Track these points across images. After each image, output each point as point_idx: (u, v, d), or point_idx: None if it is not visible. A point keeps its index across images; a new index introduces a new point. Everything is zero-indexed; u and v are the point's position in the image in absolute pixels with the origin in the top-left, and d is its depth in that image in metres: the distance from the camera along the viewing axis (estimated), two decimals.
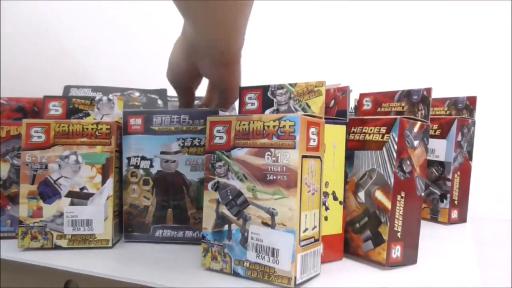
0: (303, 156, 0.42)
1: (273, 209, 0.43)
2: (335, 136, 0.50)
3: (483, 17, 1.44)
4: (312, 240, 0.44)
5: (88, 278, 0.47)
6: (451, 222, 0.74)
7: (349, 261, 0.52)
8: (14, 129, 0.61)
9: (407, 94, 0.61)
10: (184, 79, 0.62)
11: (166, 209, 0.59)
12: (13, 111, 0.71)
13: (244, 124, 0.45)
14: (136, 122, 0.59)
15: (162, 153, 0.58)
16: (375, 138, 0.50)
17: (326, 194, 0.49)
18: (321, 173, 0.46)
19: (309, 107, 0.51)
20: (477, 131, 0.77)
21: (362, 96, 0.68)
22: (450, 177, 0.73)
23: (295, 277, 0.41)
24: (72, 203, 0.55)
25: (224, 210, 0.46)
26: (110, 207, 0.56)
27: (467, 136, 0.74)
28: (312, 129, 0.44)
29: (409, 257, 0.50)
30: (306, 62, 1.62)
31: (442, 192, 0.74)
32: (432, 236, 0.65)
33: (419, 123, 0.49)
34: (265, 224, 0.43)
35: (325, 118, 0.48)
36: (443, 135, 0.74)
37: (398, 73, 1.50)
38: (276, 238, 0.43)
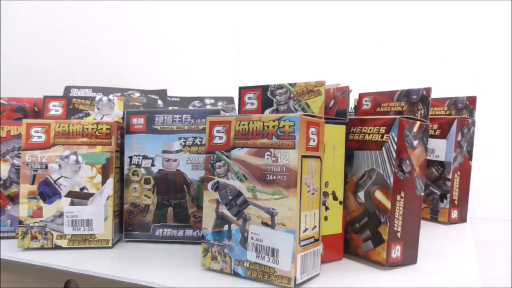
0: (303, 156, 0.42)
1: (273, 209, 0.43)
2: (335, 136, 0.50)
3: (483, 17, 1.44)
4: (312, 240, 0.44)
5: (88, 278, 0.47)
6: (451, 222, 0.74)
7: (349, 261, 0.52)
8: (14, 129, 0.61)
9: (406, 94, 0.61)
10: None
11: (166, 208, 0.59)
12: (13, 111, 0.71)
13: (243, 124, 0.45)
14: (138, 122, 0.59)
15: (163, 152, 0.59)
16: (375, 138, 0.50)
17: (326, 194, 0.49)
18: (321, 173, 0.46)
19: (308, 107, 0.51)
20: (477, 131, 0.77)
21: (362, 95, 0.68)
22: (450, 177, 0.73)
23: (295, 277, 0.41)
24: (72, 203, 0.55)
25: (224, 210, 0.46)
26: (110, 207, 0.56)
27: (467, 136, 0.74)
28: (312, 129, 0.44)
29: (409, 257, 0.50)
30: (306, 62, 1.62)
31: (442, 192, 0.74)
32: (432, 236, 0.65)
33: (418, 122, 0.49)
34: (265, 224, 0.43)
35: (325, 118, 0.48)
36: (443, 135, 0.74)
37: (397, 73, 1.50)
38: (276, 238, 0.43)
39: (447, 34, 1.48)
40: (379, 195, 0.49)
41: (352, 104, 0.84)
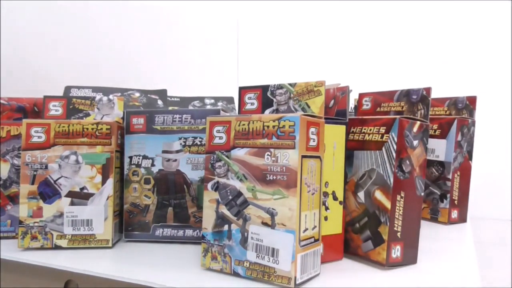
0: (303, 156, 0.42)
1: (273, 209, 0.43)
2: (335, 136, 0.50)
3: (483, 17, 1.44)
4: (312, 240, 0.44)
5: (88, 278, 0.47)
6: (451, 222, 0.74)
7: (349, 261, 0.52)
8: (14, 129, 0.61)
9: (406, 94, 0.61)
10: None
11: (166, 208, 0.59)
12: (13, 111, 0.71)
13: (243, 124, 0.45)
14: (138, 122, 0.59)
15: (163, 152, 0.59)
16: (375, 138, 0.50)
17: (326, 194, 0.49)
18: (321, 173, 0.46)
19: (308, 107, 0.51)
20: (477, 131, 0.77)
21: (362, 95, 0.68)
22: (450, 177, 0.73)
23: (295, 277, 0.41)
24: (72, 203, 0.55)
25: (224, 210, 0.46)
26: (110, 207, 0.56)
27: (467, 136, 0.74)
28: (312, 129, 0.44)
29: (409, 257, 0.50)
30: (306, 62, 1.62)
31: (442, 192, 0.74)
32: (432, 236, 0.65)
33: (418, 122, 0.49)
34: (265, 224, 0.43)
35: (325, 118, 0.48)
36: (443, 135, 0.74)
37: (397, 73, 1.50)
38: (276, 238, 0.43)
39: (447, 34, 1.48)
40: (379, 195, 0.49)
41: (352, 104, 0.84)
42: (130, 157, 0.59)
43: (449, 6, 1.47)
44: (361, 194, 0.52)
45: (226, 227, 0.46)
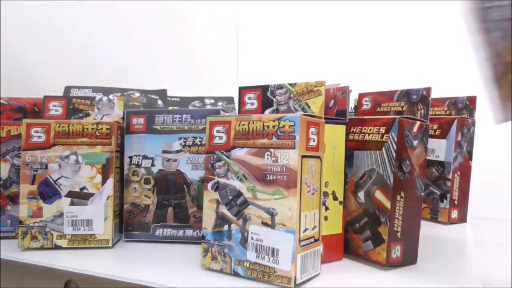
0: (303, 156, 0.42)
1: (273, 209, 0.43)
2: (334, 136, 0.50)
3: None
4: (312, 240, 0.44)
5: (88, 278, 0.47)
6: (451, 222, 0.74)
7: (349, 261, 0.52)
8: (14, 129, 0.61)
9: (406, 94, 0.61)
10: None
11: (166, 208, 0.59)
12: (13, 111, 0.71)
13: (243, 124, 0.45)
14: (138, 122, 0.59)
15: (163, 152, 0.59)
16: (375, 138, 0.50)
17: (326, 194, 0.49)
18: (321, 173, 0.46)
19: (308, 107, 0.51)
20: (477, 131, 0.77)
21: (362, 95, 0.68)
22: (450, 177, 0.73)
23: (295, 277, 0.41)
24: (72, 203, 0.55)
25: (224, 210, 0.46)
26: (110, 207, 0.56)
27: (467, 136, 0.74)
28: (312, 129, 0.44)
29: (409, 257, 0.50)
30: (306, 62, 1.62)
31: (442, 192, 0.74)
32: (432, 236, 0.65)
33: (418, 122, 0.49)
34: (265, 224, 0.43)
35: (325, 118, 0.48)
36: (443, 135, 0.74)
37: (397, 73, 1.50)
38: (276, 238, 0.43)
39: (447, 34, 1.48)
40: (379, 195, 0.49)
41: (352, 104, 0.84)
42: (130, 157, 0.59)
43: (449, 6, 1.47)
44: (361, 194, 0.52)
45: (226, 227, 0.46)
